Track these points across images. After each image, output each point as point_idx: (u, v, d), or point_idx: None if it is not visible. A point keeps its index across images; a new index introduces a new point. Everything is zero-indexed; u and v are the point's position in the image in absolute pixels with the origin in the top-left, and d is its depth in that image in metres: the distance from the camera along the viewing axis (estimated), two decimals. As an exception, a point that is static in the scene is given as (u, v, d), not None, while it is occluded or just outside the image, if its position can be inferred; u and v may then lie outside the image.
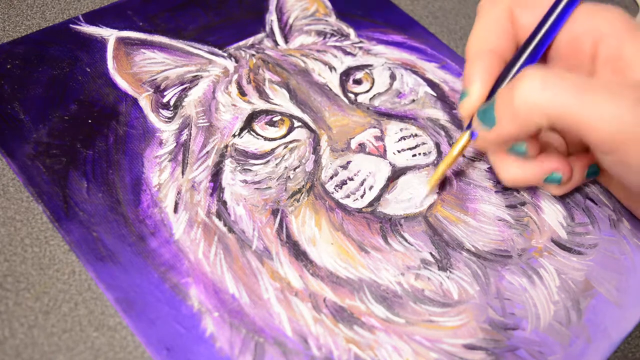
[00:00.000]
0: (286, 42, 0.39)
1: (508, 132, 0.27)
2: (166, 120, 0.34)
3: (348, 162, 0.33)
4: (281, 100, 0.35)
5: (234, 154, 0.33)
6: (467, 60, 0.30)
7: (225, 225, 0.30)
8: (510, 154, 0.29)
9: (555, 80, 0.25)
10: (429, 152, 0.34)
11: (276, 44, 0.39)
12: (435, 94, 0.38)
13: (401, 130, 0.34)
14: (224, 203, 0.31)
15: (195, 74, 0.36)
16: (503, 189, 0.34)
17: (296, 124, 0.34)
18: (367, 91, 0.37)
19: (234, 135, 0.34)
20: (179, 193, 0.31)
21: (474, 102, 0.29)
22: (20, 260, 0.28)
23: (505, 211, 0.33)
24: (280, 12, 0.41)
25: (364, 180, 0.32)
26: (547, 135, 0.32)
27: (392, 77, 0.38)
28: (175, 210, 0.30)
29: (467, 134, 0.30)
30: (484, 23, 0.30)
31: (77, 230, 0.29)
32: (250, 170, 0.32)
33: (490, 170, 0.34)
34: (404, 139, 0.34)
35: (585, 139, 0.25)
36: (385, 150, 0.33)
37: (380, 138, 0.33)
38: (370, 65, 0.39)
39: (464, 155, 0.35)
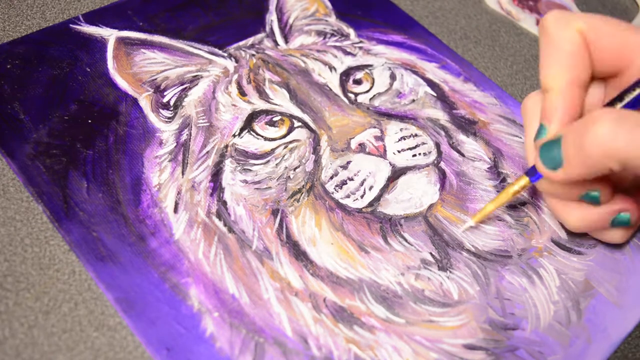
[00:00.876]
0: (286, 42, 0.39)
1: (576, 174, 0.25)
2: (166, 120, 0.34)
3: (348, 162, 0.33)
4: (281, 100, 0.35)
5: (234, 154, 0.33)
6: (546, 92, 0.28)
7: (225, 225, 0.30)
8: (582, 201, 0.28)
9: (631, 124, 0.23)
10: (429, 152, 0.34)
11: (276, 44, 0.39)
12: (435, 94, 0.38)
13: (401, 130, 0.34)
14: (224, 203, 0.31)
15: (196, 74, 0.36)
16: (503, 189, 0.34)
17: (296, 124, 0.34)
18: (367, 91, 0.37)
19: (234, 135, 0.34)
20: (179, 193, 0.31)
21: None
22: (20, 260, 0.28)
23: (505, 211, 0.33)
24: (280, 12, 0.41)
25: (364, 180, 0.32)
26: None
27: (392, 77, 0.38)
28: (175, 210, 0.30)
29: (525, 178, 0.29)
30: (557, 49, 0.28)
31: (77, 230, 0.29)
32: (250, 170, 0.32)
33: (490, 170, 0.34)
34: (404, 139, 0.34)
35: None
36: (385, 150, 0.33)
37: (380, 138, 0.33)
38: (370, 65, 0.39)
39: (463, 155, 0.35)
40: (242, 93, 0.36)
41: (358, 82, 0.37)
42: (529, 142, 0.29)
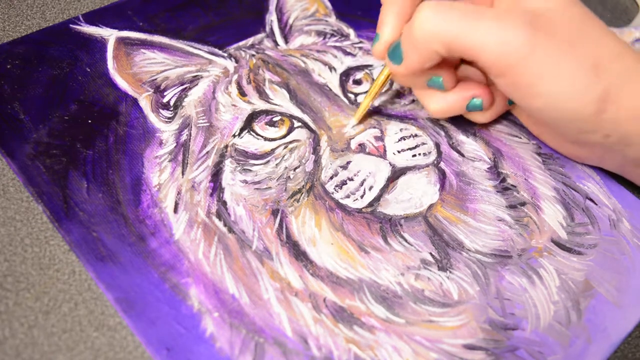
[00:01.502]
0: (286, 42, 0.39)
1: (413, 64, 0.29)
2: (166, 120, 0.34)
3: (348, 163, 0.33)
4: (281, 101, 0.35)
5: (234, 154, 0.33)
6: (382, 5, 0.31)
7: (225, 225, 0.30)
8: (430, 87, 0.32)
9: (447, 9, 0.27)
10: (429, 152, 0.34)
11: (276, 44, 0.39)
12: (435, 94, 0.38)
13: (401, 130, 0.34)
14: (224, 203, 0.31)
15: (195, 74, 0.36)
16: (503, 189, 0.34)
17: (296, 124, 0.34)
18: (367, 91, 0.37)
19: (234, 136, 0.34)
20: (179, 193, 0.31)
21: (384, 44, 0.31)
22: (20, 260, 0.28)
23: (505, 211, 0.33)
24: (280, 12, 0.41)
25: (364, 180, 0.32)
26: (466, 69, 0.33)
27: (392, 77, 0.38)
28: (175, 210, 0.30)
29: (386, 69, 0.32)
30: None
31: (77, 230, 0.29)
32: (250, 170, 0.32)
33: (490, 170, 0.34)
34: (404, 139, 0.34)
35: (478, 63, 0.28)
36: (385, 151, 0.33)
37: (380, 138, 0.33)
38: (370, 66, 0.39)
39: (463, 155, 0.35)
40: (242, 93, 0.36)
41: (358, 82, 0.37)
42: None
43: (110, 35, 0.37)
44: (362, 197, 0.32)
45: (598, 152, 0.32)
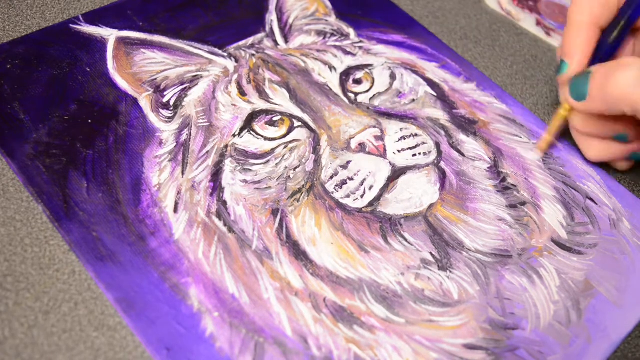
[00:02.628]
0: (286, 42, 0.39)
1: (596, 109, 0.30)
2: (166, 120, 0.34)
3: (348, 162, 0.33)
4: (281, 100, 0.35)
5: (234, 154, 0.33)
6: (568, 29, 0.32)
7: (225, 225, 0.30)
8: (614, 140, 0.33)
9: None
10: (429, 152, 0.34)
11: (276, 43, 0.39)
12: (435, 94, 0.38)
13: (401, 130, 0.34)
14: (224, 203, 0.31)
15: (195, 73, 0.36)
16: (503, 188, 0.34)
17: (296, 123, 0.34)
18: (367, 91, 0.37)
19: (234, 135, 0.34)
20: (179, 193, 0.31)
21: (573, 73, 0.31)
22: (20, 260, 0.28)
23: (505, 211, 0.33)
24: (280, 12, 0.41)
25: (364, 180, 0.32)
26: None
27: (392, 76, 0.38)
28: (175, 210, 0.30)
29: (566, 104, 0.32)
30: None
31: (77, 230, 0.29)
32: (250, 170, 0.32)
33: (491, 169, 0.34)
34: (404, 139, 0.34)
35: None
36: (385, 150, 0.33)
37: (380, 138, 0.33)
38: (370, 65, 0.39)
39: (463, 154, 0.35)
40: (242, 93, 0.36)
41: (358, 81, 0.37)
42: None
43: (110, 35, 0.37)
44: (362, 196, 0.32)
45: None
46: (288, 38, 0.40)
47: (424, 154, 0.34)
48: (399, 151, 0.33)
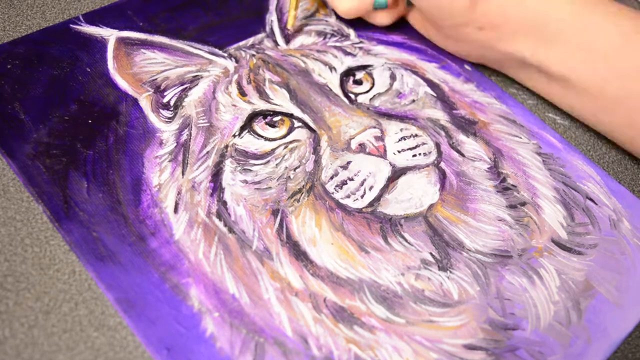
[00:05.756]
0: (286, 42, 0.39)
1: None
2: (166, 120, 0.34)
3: (348, 162, 0.33)
4: (281, 101, 0.35)
5: (234, 154, 0.33)
6: None
7: (225, 225, 0.30)
8: None
9: None
10: (429, 152, 0.34)
11: (276, 44, 0.39)
12: (435, 94, 0.38)
13: (401, 130, 0.34)
14: (224, 203, 0.31)
15: (196, 74, 0.36)
16: (503, 189, 0.34)
17: (296, 124, 0.34)
18: (367, 91, 0.37)
19: (234, 136, 0.34)
20: (179, 193, 0.31)
21: None
22: (20, 260, 0.28)
23: (505, 211, 0.33)
24: (280, 12, 0.41)
25: (364, 180, 0.32)
26: None
27: (392, 77, 0.38)
28: (176, 210, 0.30)
29: None
30: None
31: (77, 230, 0.29)
32: (250, 170, 0.32)
33: (491, 170, 0.34)
34: (404, 139, 0.34)
35: None
36: (385, 151, 0.33)
37: (380, 138, 0.33)
38: (371, 66, 0.39)
39: (463, 155, 0.35)
40: (242, 93, 0.36)
41: (358, 82, 0.37)
42: None
43: (110, 35, 0.37)
44: (362, 197, 0.32)
45: (476, 48, 0.37)
46: (288, 38, 0.40)
47: (424, 154, 0.34)
48: (399, 152, 0.33)
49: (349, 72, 0.38)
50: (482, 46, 0.36)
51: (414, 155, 0.33)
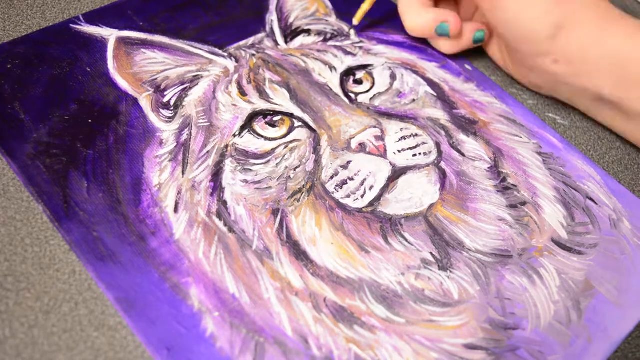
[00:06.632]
0: (286, 42, 0.39)
1: None
2: (166, 120, 0.34)
3: (348, 162, 0.33)
4: (281, 100, 0.35)
5: (235, 154, 0.33)
6: None
7: (225, 225, 0.30)
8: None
9: None
10: (429, 152, 0.34)
11: (276, 43, 0.39)
12: (435, 94, 0.38)
13: (401, 130, 0.34)
14: (225, 203, 0.31)
15: (196, 73, 0.36)
16: (504, 188, 0.34)
17: (296, 123, 0.34)
18: (368, 91, 0.37)
19: (234, 135, 0.34)
20: (179, 193, 0.31)
21: None
22: (20, 260, 0.28)
23: (505, 211, 0.33)
24: (280, 12, 0.41)
25: (365, 180, 0.32)
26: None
27: (393, 76, 0.38)
28: (176, 210, 0.30)
29: None
30: None
31: (77, 230, 0.29)
32: (250, 170, 0.32)
33: (491, 169, 0.34)
34: (405, 139, 0.34)
35: None
36: (385, 150, 0.33)
37: (380, 138, 0.33)
38: (371, 65, 0.39)
39: (463, 154, 0.35)
40: (243, 93, 0.36)
41: (358, 81, 0.37)
42: None
43: (110, 35, 0.37)
44: (362, 196, 0.32)
45: (550, 80, 0.36)
46: (288, 38, 0.40)
47: (424, 154, 0.34)
48: (399, 151, 0.33)
49: (349, 72, 0.38)
50: (556, 79, 0.35)
51: (414, 155, 0.33)
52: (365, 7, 0.39)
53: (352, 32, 0.41)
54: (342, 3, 0.43)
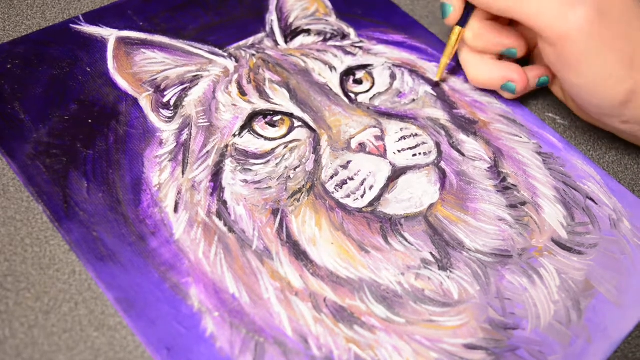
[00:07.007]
0: (286, 42, 0.39)
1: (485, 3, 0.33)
2: (166, 120, 0.34)
3: (348, 162, 0.33)
4: (281, 100, 0.35)
5: (234, 154, 0.33)
6: None
7: (225, 225, 0.30)
8: (502, 56, 0.37)
9: None
10: (429, 152, 0.34)
11: (276, 43, 0.39)
12: (435, 94, 0.38)
13: (401, 129, 0.34)
14: (224, 203, 0.31)
15: (196, 73, 0.36)
16: (504, 188, 0.34)
17: (296, 123, 0.34)
18: (368, 91, 0.37)
19: (234, 135, 0.34)
20: (179, 193, 0.31)
21: (457, 12, 0.35)
22: (20, 260, 0.28)
23: (505, 211, 0.33)
24: (280, 12, 0.41)
25: (364, 180, 0.32)
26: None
27: (393, 76, 0.38)
28: (176, 210, 0.30)
29: (457, 28, 0.36)
30: None
31: (77, 230, 0.29)
32: (250, 170, 0.32)
33: (491, 169, 0.34)
34: (404, 139, 0.34)
35: (535, 26, 0.31)
36: (385, 150, 0.33)
37: (380, 138, 0.33)
38: (371, 65, 0.39)
39: (463, 154, 0.35)
40: (243, 93, 0.36)
41: (358, 81, 0.37)
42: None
43: (110, 35, 0.37)
44: (362, 196, 0.32)
45: (618, 132, 0.35)
46: (288, 38, 0.40)
47: (424, 154, 0.34)
48: (399, 151, 0.33)
49: (349, 72, 0.38)
50: (622, 132, 0.35)
51: (414, 155, 0.33)
52: (444, 61, 0.37)
53: (351, 31, 0.41)
54: (342, 3, 0.43)
